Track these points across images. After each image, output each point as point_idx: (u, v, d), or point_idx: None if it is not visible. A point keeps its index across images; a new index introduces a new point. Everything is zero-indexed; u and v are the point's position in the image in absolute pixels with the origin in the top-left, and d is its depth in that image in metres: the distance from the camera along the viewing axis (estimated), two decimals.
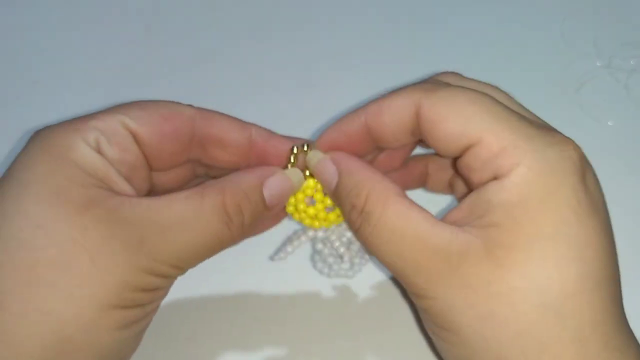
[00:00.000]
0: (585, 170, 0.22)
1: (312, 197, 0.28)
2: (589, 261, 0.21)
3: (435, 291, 0.22)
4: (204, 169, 0.30)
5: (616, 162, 0.40)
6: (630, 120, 0.42)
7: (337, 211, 0.28)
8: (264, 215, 0.26)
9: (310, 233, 0.30)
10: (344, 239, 0.29)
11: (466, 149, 0.23)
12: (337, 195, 0.26)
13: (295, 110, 0.43)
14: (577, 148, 0.23)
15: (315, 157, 0.27)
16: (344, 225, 0.29)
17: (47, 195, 0.21)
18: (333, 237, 0.29)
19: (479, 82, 0.26)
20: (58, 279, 0.21)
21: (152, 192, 0.28)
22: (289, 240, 0.30)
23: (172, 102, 0.26)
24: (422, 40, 0.48)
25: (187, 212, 0.23)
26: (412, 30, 0.48)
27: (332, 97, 0.42)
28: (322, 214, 0.28)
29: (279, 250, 0.31)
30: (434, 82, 0.25)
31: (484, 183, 0.23)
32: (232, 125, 0.27)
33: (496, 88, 0.26)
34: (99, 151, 0.23)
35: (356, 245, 0.29)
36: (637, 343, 0.22)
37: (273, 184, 0.26)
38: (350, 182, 0.25)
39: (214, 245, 0.24)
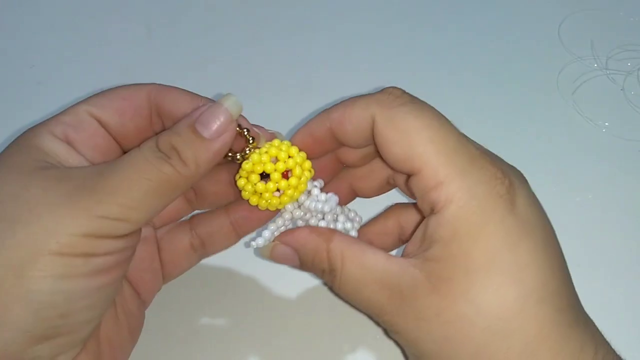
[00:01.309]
0: (514, 199, 0.24)
1: (263, 172, 0.27)
2: (528, 281, 0.23)
3: (400, 325, 0.25)
4: None
5: (612, 164, 0.40)
6: (626, 122, 0.42)
7: (297, 173, 0.27)
8: (210, 149, 0.25)
9: (286, 215, 0.29)
10: (324, 206, 0.28)
11: (411, 174, 0.25)
12: (306, 268, 0.28)
13: (296, 111, 0.43)
14: (505, 180, 0.24)
15: (267, 249, 0.28)
16: (314, 191, 0.28)
17: (5, 170, 0.24)
18: (311, 207, 0.28)
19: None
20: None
21: None
22: (265, 225, 0.29)
23: (132, 84, 0.28)
24: (420, 40, 0.48)
25: (124, 160, 0.24)
26: (411, 31, 0.49)
27: (332, 98, 0.42)
28: (282, 183, 0.27)
29: (255, 236, 0.29)
30: (390, 94, 0.26)
31: (425, 212, 0.25)
32: (182, 97, 0.27)
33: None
34: (67, 141, 0.25)
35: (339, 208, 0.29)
36: (596, 341, 0.24)
37: (202, 115, 0.25)
38: (308, 252, 0.27)
39: (161, 182, 0.24)
